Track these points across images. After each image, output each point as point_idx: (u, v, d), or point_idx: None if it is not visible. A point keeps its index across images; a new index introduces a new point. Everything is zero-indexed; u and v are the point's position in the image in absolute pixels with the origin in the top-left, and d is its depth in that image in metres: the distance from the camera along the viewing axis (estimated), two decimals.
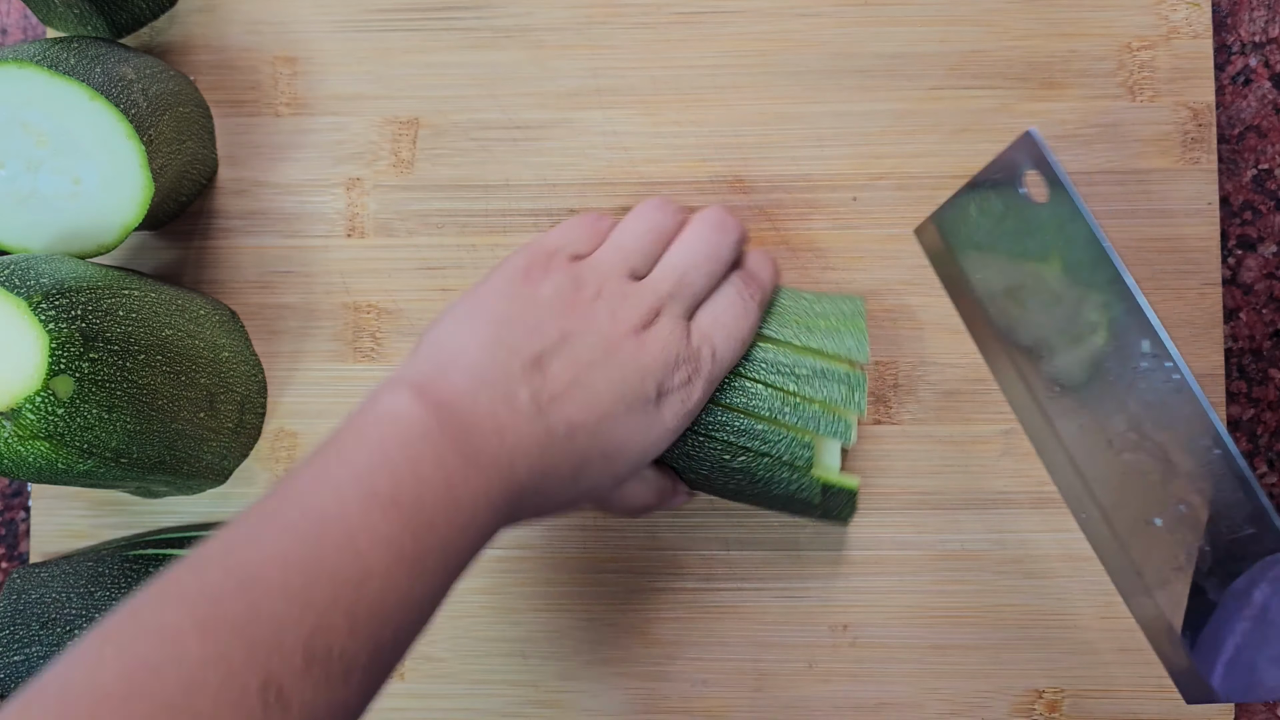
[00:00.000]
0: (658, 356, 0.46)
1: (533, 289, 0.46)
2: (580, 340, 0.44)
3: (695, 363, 0.47)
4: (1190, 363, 0.55)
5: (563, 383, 0.43)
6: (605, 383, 0.44)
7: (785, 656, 0.56)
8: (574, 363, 0.44)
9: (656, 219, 0.50)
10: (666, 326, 0.46)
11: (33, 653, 0.52)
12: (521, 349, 0.43)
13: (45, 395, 0.43)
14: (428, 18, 0.58)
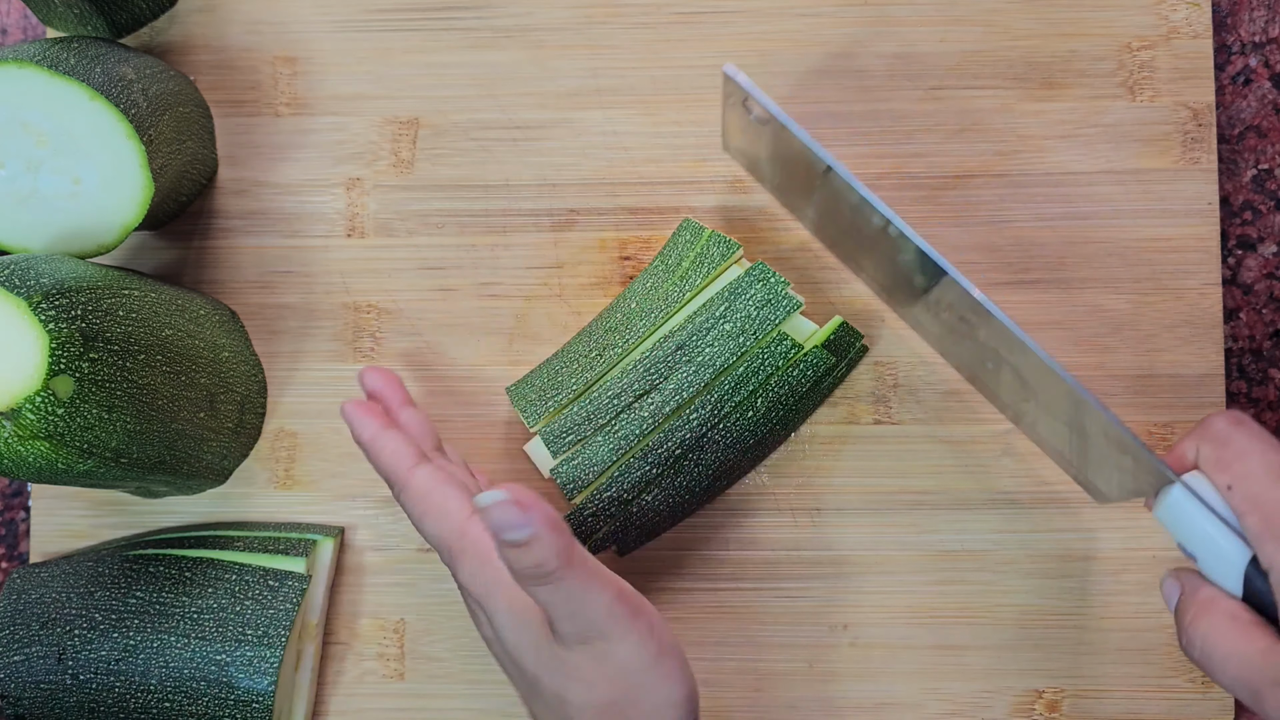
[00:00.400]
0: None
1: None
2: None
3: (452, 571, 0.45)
4: (1190, 363, 0.55)
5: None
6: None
7: (785, 656, 0.56)
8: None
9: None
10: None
11: (33, 653, 0.52)
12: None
13: (45, 395, 0.43)
14: (428, 18, 0.58)
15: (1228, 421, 0.42)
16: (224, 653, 0.52)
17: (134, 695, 0.52)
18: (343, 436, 0.57)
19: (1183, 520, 0.43)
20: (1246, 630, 0.40)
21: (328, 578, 0.55)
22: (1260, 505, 0.40)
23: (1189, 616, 0.42)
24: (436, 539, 0.45)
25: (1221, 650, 0.40)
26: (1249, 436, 0.42)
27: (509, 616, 0.42)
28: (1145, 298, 0.56)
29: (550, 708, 0.42)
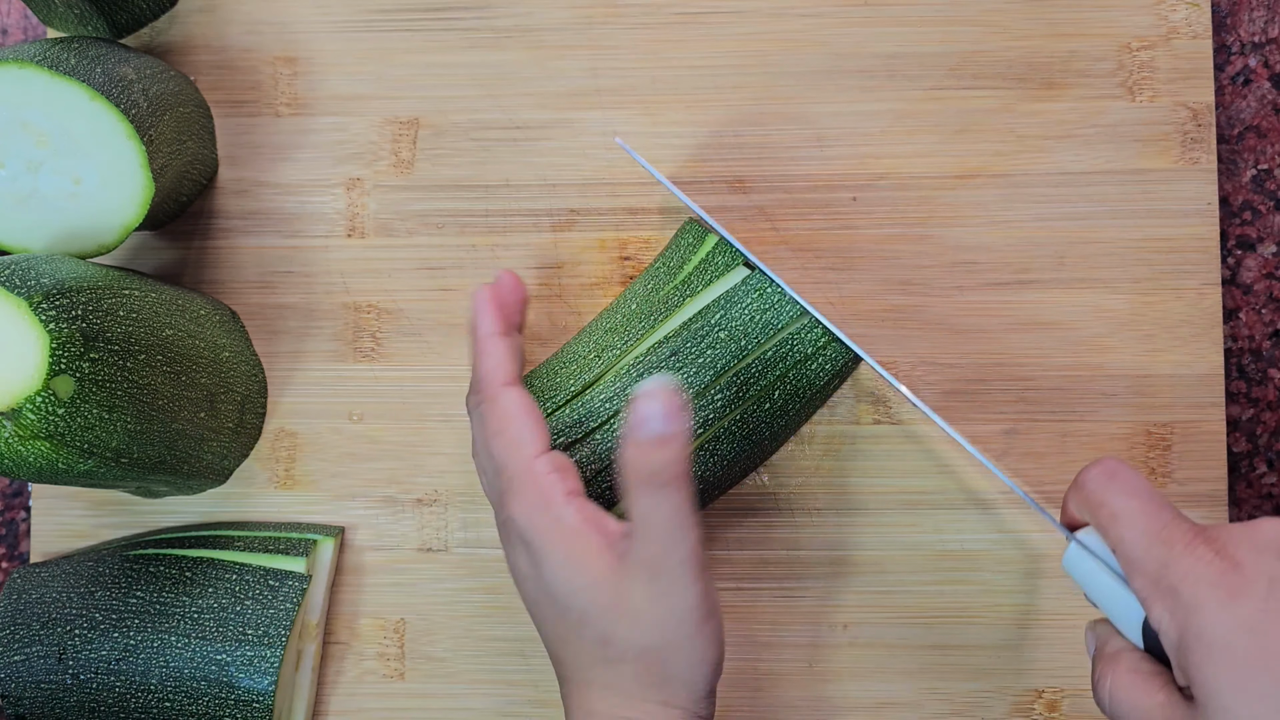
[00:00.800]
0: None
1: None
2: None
3: (493, 498, 0.47)
4: (1190, 363, 0.56)
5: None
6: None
7: (785, 656, 0.56)
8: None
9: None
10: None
11: (33, 653, 0.52)
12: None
13: (45, 395, 0.43)
14: (428, 18, 0.58)
15: (1100, 479, 0.42)
16: (224, 653, 0.52)
17: (134, 695, 0.52)
18: (343, 436, 0.57)
19: (1083, 575, 0.43)
20: (1147, 683, 0.40)
21: (328, 578, 0.55)
22: (1141, 568, 0.40)
23: (1098, 671, 0.42)
24: (501, 463, 0.45)
25: (1125, 705, 0.40)
26: (1122, 493, 0.41)
27: (566, 557, 0.43)
28: (1145, 298, 0.56)
29: (587, 649, 0.43)
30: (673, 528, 0.41)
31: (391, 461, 0.57)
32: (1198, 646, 0.37)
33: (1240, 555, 0.38)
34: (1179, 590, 0.38)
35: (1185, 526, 0.40)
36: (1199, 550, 0.39)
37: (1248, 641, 0.37)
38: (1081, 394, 0.55)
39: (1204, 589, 0.38)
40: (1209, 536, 0.39)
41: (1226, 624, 0.37)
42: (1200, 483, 0.55)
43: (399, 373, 0.57)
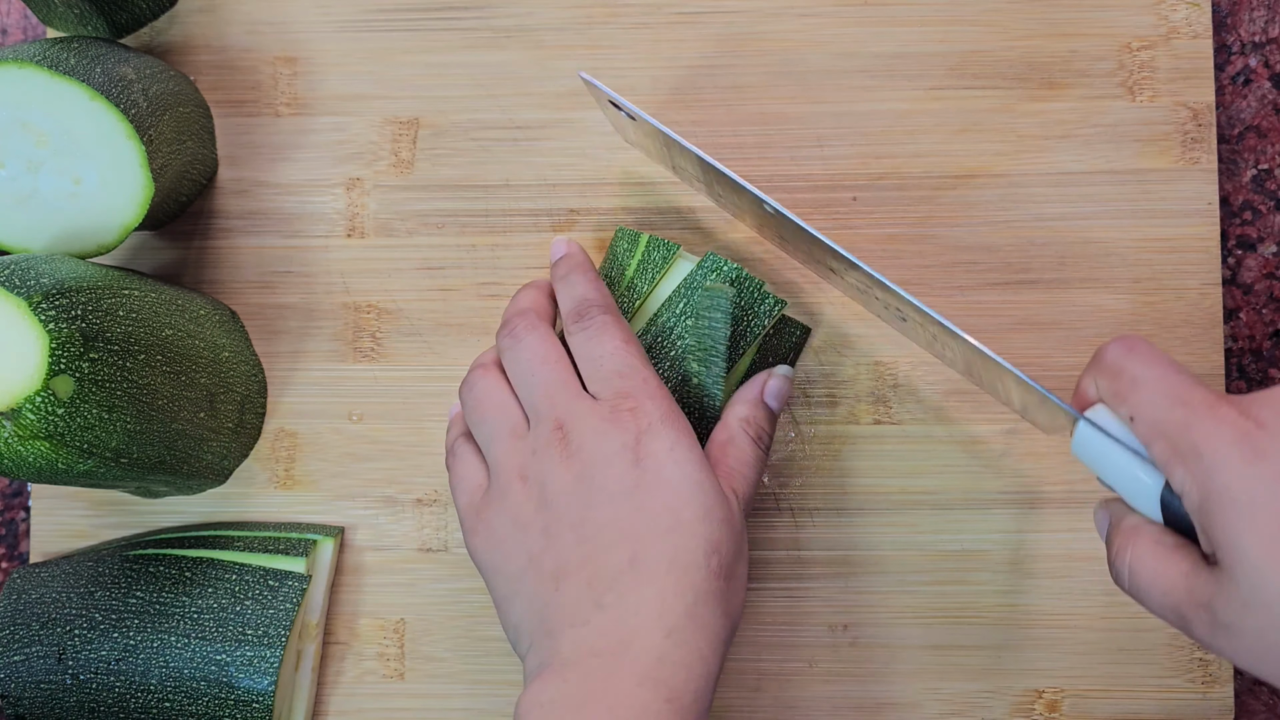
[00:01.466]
0: (594, 450, 0.45)
1: (491, 535, 0.46)
2: (545, 511, 0.45)
3: (619, 401, 0.46)
4: (1190, 363, 0.55)
5: (572, 560, 0.44)
6: (599, 522, 0.44)
7: (785, 656, 0.56)
8: (570, 541, 0.44)
9: (478, 386, 0.49)
10: (576, 416, 0.46)
11: (33, 653, 0.52)
12: (540, 583, 0.45)
13: (45, 395, 0.43)
14: (428, 18, 0.58)
15: (1120, 350, 0.41)
16: (224, 653, 0.52)
17: (134, 695, 0.52)
18: (343, 436, 0.57)
19: (1095, 455, 0.42)
20: (1169, 554, 0.40)
21: (328, 578, 0.55)
22: (1162, 431, 0.39)
23: (1115, 547, 0.41)
24: (634, 366, 0.47)
25: (1146, 577, 0.40)
26: (1142, 362, 0.41)
27: (700, 461, 0.45)
28: (1145, 298, 0.56)
29: (688, 558, 0.44)
30: (755, 469, 0.49)
31: (391, 461, 0.57)
32: (1222, 505, 0.37)
33: (1264, 416, 0.37)
34: (1201, 450, 0.37)
35: (1206, 391, 0.39)
36: (1221, 410, 0.38)
37: (1274, 498, 0.36)
38: None
39: (1227, 448, 0.37)
40: (1230, 399, 0.39)
41: (1252, 482, 0.36)
42: None
43: (399, 373, 0.57)
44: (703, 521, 0.44)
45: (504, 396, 0.48)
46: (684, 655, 0.42)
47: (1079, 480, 0.55)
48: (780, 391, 0.51)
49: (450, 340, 0.57)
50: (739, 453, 0.48)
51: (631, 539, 0.43)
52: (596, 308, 0.49)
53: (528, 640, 0.45)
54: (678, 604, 0.43)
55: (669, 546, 0.43)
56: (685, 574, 0.43)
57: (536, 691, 0.43)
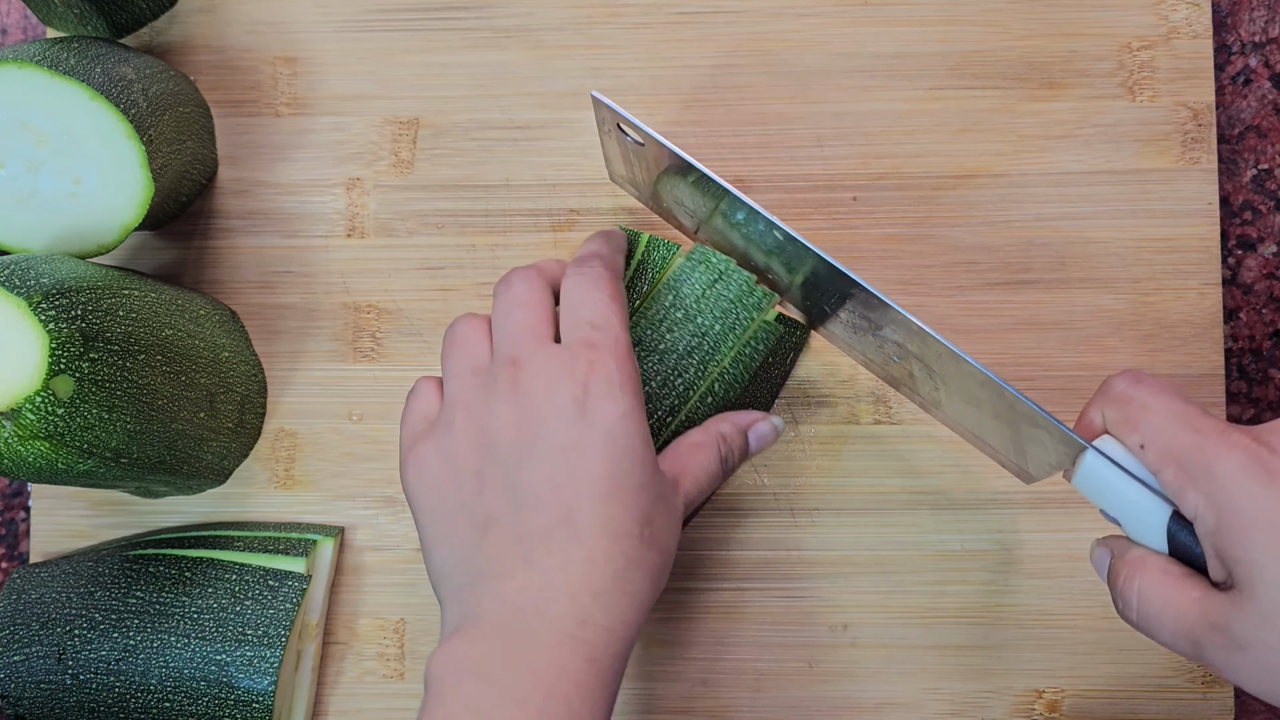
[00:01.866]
0: (542, 397, 0.44)
1: (425, 472, 0.46)
2: (482, 453, 0.44)
3: (580, 349, 0.44)
4: (1190, 363, 0.55)
5: (504, 510, 0.43)
6: (535, 475, 0.43)
7: (785, 656, 0.56)
8: (503, 488, 0.44)
9: (458, 327, 0.48)
10: (535, 360, 0.45)
11: (33, 653, 0.52)
12: (469, 529, 0.44)
13: (45, 395, 0.43)
14: (428, 18, 0.58)
15: (1127, 381, 0.42)
16: (224, 653, 0.52)
17: (134, 695, 0.52)
18: (343, 436, 0.57)
19: (1100, 486, 0.43)
20: (1178, 583, 0.40)
21: (328, 578, 0.55)
22: (1174, 455, 0.39)
23: (1121, 578, 0.42)
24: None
25: (1157, 606, 0.40)
26: (1151, 391, 0.41)
27: (644, 431, 0.45)
28: (1145, 298, 0.56)
29: (620, 518, 0.43)
30: (708, 480, 0.49)
31: (391, 461, 0.57)
32: (1240, 524, 0.37)
33: (1276, 442, 0.38)
34: (1214, 472, 0.38)
35: (1215, 419, 0.40)
36: (1233, 436, 0.38)
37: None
38: (1082, 394, 0.55)
39: (1240, 470, 0.38)
40: (1240, 427, 0.39)
41: (1267, 502, 0.37)
42: None
43: (399, 373, 0.57)
44: (639, 493, 0.43)
45: (477, 337, 0.47)
46: (608, 619, 0.42)
47: None
48: (765, 437, 0.51)
49: None
50: (704, 460, 0.48)
51: (568, 497, 0.42)
52: (600, 260, 0.48)
53: (449, 587, 0.44)
54: (607, 568, 0.42)
55: (604, 511, 0.42)
56: (616, 541, 0.42)
57: (455, 647, 0.42)
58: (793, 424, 0.56)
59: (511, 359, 0.44)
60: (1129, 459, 0.42)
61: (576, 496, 0.42)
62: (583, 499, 0.42)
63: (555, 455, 0.43)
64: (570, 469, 0.43)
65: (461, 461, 0.44)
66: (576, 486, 0.42)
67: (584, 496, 0.42)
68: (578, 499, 0.42)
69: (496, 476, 0.43)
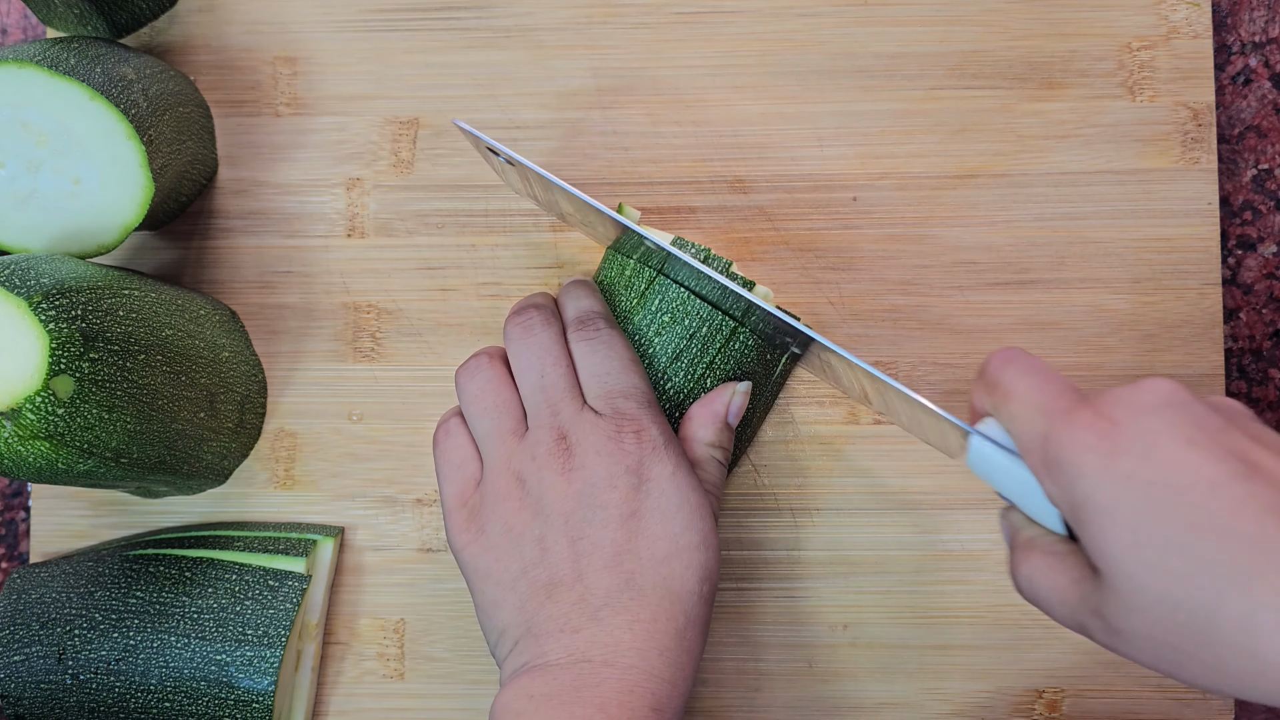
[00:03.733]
0: (596, 468, 0.45)
1: (482, 538, 0.46)
2: (542, 521, 0.45)
3: (623, 422, 0.46)
4: (1190, 363, 0.55)
5: (567, 575, 0.44)
6: (597, 542, 0.44)
7: (785, 656, 0.56)
8: (566, 556, 0.44)
9: (482, 376, 0.49)
10: (580, 431, 0.46)
11: (33, 653, 0.52)
12: (532, 592, 0.45)
13: (45, 395, 0.43)
14: (428, 18, 0.58)
15: (998, 362, 0.41)
16: (224, 653, 0.52)
17: (134, 695, 0.52)
18: (343, 436, 0.57)
19: (990, 469, 0.42)
20: (1061, 564, 0.39)
21: (328, 578, 0.55)
22: (1030, 444, 0.39)
23: (1015, 558, 0.41)
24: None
25: (1043, 589, 0.40)
26: (1017, 373, 0.40)
27: (692, 488, 0.46)
28: (1145, 298, 0.56)
29: (664, 578, 0.44)
30: (721, 489, 0.49)
31: (391, 461, 0.57)
32: (1088, 514, 0.37)
33: (1119, 415, 0.37)
34: (1062, 460, 0.37)
35: (1070, 397, 0.39)
36: (1078, 415, 0.38)
37: (1132, 496, 0.36)
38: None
39: (1084, 453, 0.37)
40: (1090, 401, 0.38)
41: (1109, 486, 0.36)
42: None
43: (399, 373, 0.57)
44: (699, 549, 0.44)
45: (509, 393, 0.48)
46: (672, 674, 0.43)
47: None
48: (742, 409, 0.51)
49: (450, 340, 0.57)
50: (709, 476, 0.49)
51: (629, 561, 0.44)
52: (602, 318, 0.49)
53: (511, 643, 0.45)
54: (669, 626, 0.43)
55: (666, 572, 0.44)
56: (679, 600, 0.44)
57: (525, 684, 0.43)
58: (793, 424, 0.56)
59: (556, 430, 0.46)
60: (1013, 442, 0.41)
61: (637, 560, 0.44)
62: (644, 562, 0.44)
63: (615, 523, 0.44)
64: (630, 534, 0.44)
65: (521, 530, 0.45)
66: (637, 550, 0.44)
67: (645, 559, 0.44)
68: (639, 563, 0.44)
69: (558, 543, 0.44)
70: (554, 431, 0.46)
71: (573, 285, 0.52)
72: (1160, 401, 0.37)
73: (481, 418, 0.48)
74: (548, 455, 0.45)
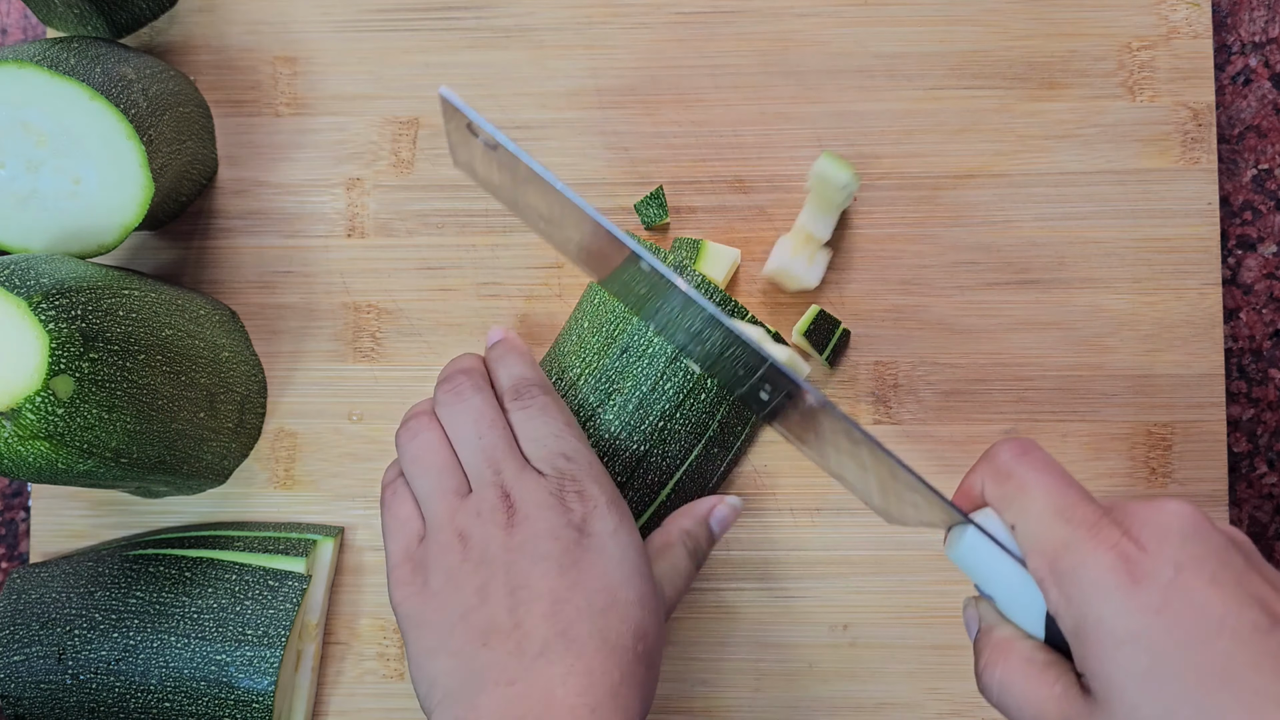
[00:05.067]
0: (539, 522, 0.45)
1: (424, 590, 0.45)
2: (483, 570, 0.44)
3: (565, 481, 0.46)
4: (1190, 363, 0.55)
5: (505, 623, 0.43)
6: (537, 591, 0.44)
7: (785, 656, 0.56)
8: (505, 604, 0.44)
9: (422, 438, 0.49)
10: (523, 488, 0.45)
11: (33, 653, 0.52)
12: (468, 639, 0.44)
13: (45, 395, 0.43)
14: (428, 18, 0.58)
15: (1011, 452, 0.40)
16: (224, 653, 0.52)
17: (134, 695, 0.52)
18: (343, 436, 0.57)
19: (975, 562, 0.40)
20: (1042, 674, 0.38)
21: (328, 578, 0.55)
22: (1041, 547, 0.38)
23: (985, 659, 0.40)
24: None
25: (1016, 697, 0.38)
26: (1032, 468, 0.39)
27: (638, 547, 0.46)
28: (1145, 298, 0.56)
29: (617, 638, 0.43)
30: (684, 579, 0.49)
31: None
32: (1098, 636, 0.36)
33: (1146, 538, 0.36)
34: (1079, 574, 0.37)
35: (1092, 508, 0.38)
36: (1104, 531, 0.37)
37: (1150, 629, 0.35)
38: (1081, 394, 0.55)
39: (1105, 574, 0.36)
40: (1115, 516, 0.38)
41: (1128, 614, 0.35)
42: (1200, 483, 0.55)
43: (399, 373, 0.57)
44: (636, 605, 0.44)
45: (447, 455, 0.48)
46: None
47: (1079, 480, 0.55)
48: (726, 520, 0.50)
49: (450, 340, 0.57)
50: (674, 561, 0.48)
51: (567, 611, 0.43)
52: (535, 386, 0.49)
53: (441, 693, 0.44)
54: (604, 681, 0.42)
55: (601, 624, 0.43)
56: (614, 653, 0.43)
57: None
58: None
59: (499, 488, 0.46)
60: (1008, 535, 0.40)
61: (575, 610, 0.43)
62: (580, 613, 0.43)
63: (555, 573, 0.44)
64: (570, 584, 0.44)
65: (463, 580, 0.45)
66: (575, 600, 0.43)
67: (583, 609, 0.43)
68: (577, 612, 0.43)
69: (498, 591, 0.44)
70: (497, 490, 0.46)
71: (502, 351, 0.51)
72: (1187, 530, 0.36)
73: (423, 478, 0.48)
74: (491, 511, 0.45)
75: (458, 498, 0.46)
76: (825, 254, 0.54)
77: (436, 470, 0.47)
